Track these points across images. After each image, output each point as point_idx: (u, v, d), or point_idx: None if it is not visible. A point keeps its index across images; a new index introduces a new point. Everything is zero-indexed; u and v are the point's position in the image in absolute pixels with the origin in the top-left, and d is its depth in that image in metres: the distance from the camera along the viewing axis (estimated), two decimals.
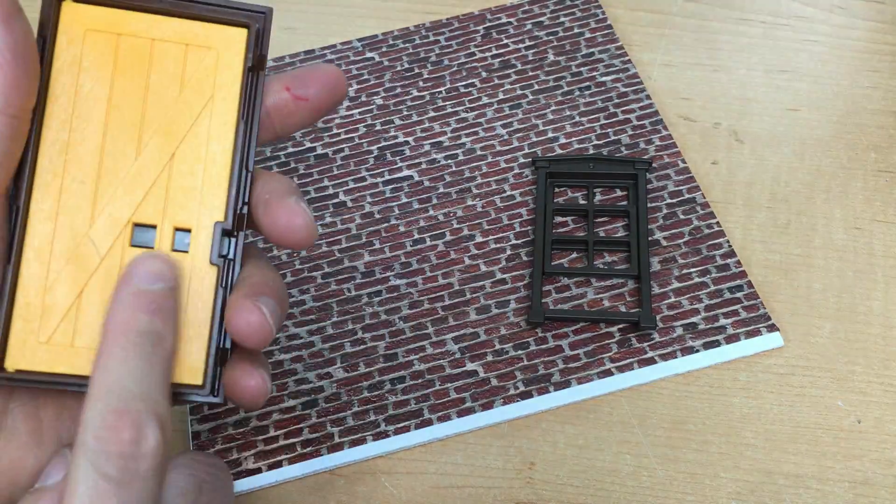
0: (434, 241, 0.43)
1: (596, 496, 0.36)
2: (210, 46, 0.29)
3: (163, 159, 0.29)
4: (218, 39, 0.29)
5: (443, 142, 0.46)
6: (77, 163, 0.28)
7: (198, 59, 0.29)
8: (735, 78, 0.48)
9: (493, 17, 0.51)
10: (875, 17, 0.50)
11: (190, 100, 0.29)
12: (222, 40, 0.29)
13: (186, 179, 0.29)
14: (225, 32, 0.29)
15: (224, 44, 0.29)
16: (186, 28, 0.29)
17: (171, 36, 0.29)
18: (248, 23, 0.29)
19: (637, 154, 0.45)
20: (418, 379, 0.39)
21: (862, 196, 0.43)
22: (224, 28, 0.29)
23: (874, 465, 0.36)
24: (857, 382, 0.38)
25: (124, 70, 0.28)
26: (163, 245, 0.28)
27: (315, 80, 0.30)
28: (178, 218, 0.28)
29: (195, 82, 0.29)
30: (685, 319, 0.39)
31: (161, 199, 0.29)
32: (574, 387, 0.38)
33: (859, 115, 0.46)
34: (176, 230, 0.28)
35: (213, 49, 0.29)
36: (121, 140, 0.28)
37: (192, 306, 0.28)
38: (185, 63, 0.29)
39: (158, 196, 0.29)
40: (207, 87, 0.29)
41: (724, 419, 0.37)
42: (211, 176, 0.29)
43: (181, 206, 0.29)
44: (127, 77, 0.28)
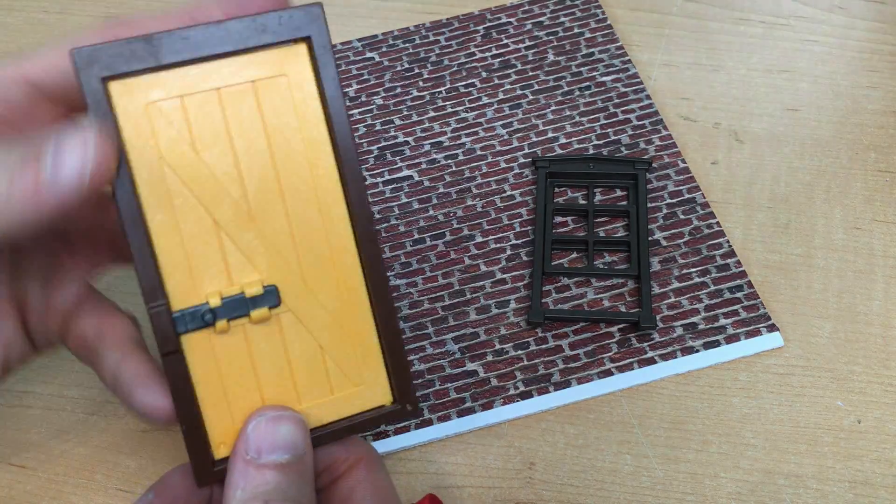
0: (434, 241, 0.43)
1: (596, 496, 0.36)
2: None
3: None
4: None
5: (443, 142, 0.46)
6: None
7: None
8: (735, 78, 0.48)
9: (493, 17, 0.51)
10: (875, 17, 0.50)
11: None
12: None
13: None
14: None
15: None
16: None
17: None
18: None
19: (637, 154, 0.45)
20: (418, 379, 0.39)
21: (862, 196, 0.43)
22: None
23: (874, 465, 0.36)
24: (857, 382, 0.38)
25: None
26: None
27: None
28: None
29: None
30: (685, 319, 0.39)
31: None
32: (574, 387, 0.38)
33: (859, 115, 0.46)
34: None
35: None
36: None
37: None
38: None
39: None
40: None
41: (724, 419, 0.37)
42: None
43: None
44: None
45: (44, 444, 0.38)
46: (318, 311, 0.28)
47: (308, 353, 0.29)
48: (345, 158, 0.28)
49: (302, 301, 0.28)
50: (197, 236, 0.27)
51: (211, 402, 0.27)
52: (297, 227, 0.28)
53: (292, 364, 0.28)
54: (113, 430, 0.38)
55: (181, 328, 0.27)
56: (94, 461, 0.38)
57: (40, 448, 0.38)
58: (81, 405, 0.39)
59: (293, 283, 0.28)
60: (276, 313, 0.28)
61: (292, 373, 0.28)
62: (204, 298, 0.27)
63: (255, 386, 0.28)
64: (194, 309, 0.27)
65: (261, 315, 0.27)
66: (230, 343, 0.27)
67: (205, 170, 0.27)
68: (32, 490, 0.37)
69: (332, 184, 0.28)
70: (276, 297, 0.28)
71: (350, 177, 0.28)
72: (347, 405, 0.29)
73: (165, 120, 0.26)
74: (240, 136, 0.27)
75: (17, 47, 0.51)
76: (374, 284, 0.29)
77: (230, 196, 0.27)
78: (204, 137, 0.27)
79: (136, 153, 0.26)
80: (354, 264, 0.29)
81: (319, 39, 0.27)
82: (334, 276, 0.29)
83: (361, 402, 0.29)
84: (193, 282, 0.27)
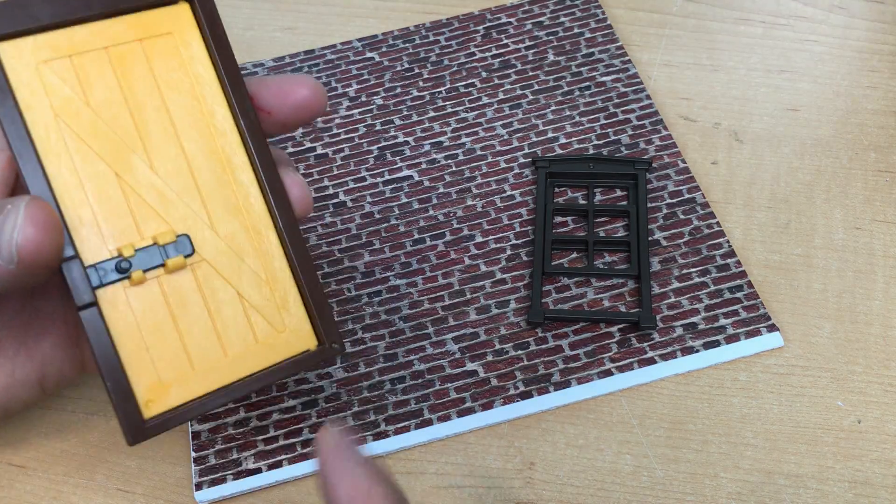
0: (434, 241, 0.43)
1: (596, 496, 0.36)
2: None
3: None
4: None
5: (443, 142, 0.46)
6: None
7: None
8: (735, 78, 0.48)
9: (493, 17, 0.51)
10: (875, 17, 0.50)
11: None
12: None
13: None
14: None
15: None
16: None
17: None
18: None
19: (637, 154, 0.45)
20: (418, 379, 0.39)
21: (862, 196, 0.43)
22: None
23: (874, 465, 0.36)
24: (857, 382, 0.38)
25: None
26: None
27: (276, 95, 0.30)
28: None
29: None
30: (685, 319, 0.39)
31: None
32: (574, 387, 0.38)
33: (859, 115, 0.46)
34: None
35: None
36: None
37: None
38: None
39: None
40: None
41: (724, 419, 0.37)
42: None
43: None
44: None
45: (44, 444, 0.38)
46: (233, 260, 0.29)
47: (228, 302, 0.28)
48: (239, 106, 0.29)
49: (216, 250, 0.28)
50: (101, 191, 0.27)
51: (134, 357, 0.27)
52: (201, 178, 0.28)
53: (213, 314, 0.28)
54: (113, 431, 0.38)
55: (95, 281, 0.26)
56: (94, 461, 0.38)
57: (40, 448, 0.38)
58: (81, 405, 0.39)
59: (204, 232, 0.28)
60: (191, 263, 0.28)
61: (214, 323, 0.28)
62: (116, 252, 0.27)
63: (178, 338, 0.28)
64: (107, 261, 0.27)
65: (176, 263, 0.27)
66: (147, 295, 0.27)
67: (102, 125, 0.27)
68: (32, 490, 0.37)
69: (230, 133, 0.29)
70: (189, 246, 0.28)
71: (248, 126, 0.29)
72: (273, 352, 0.29)
73: (58, 79, 0.27)
74: (133, 93, 0.28)
75: None
76: (286, 229, 0.29)
77: (130, 149, 0.27)
78: (97, 95, 0.27)
79: (32, 113, 0.26)
80: (262, 211, 0.29)
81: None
82: (245, 224, 0.29)
83: (287, 349, 0.29)
84: (103, 237, 0.27)
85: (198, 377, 0.28)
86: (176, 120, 0.28)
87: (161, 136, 0.28)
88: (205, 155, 0.29)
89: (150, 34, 0.28)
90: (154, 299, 0.27)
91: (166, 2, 0.29)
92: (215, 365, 0.28)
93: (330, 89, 0.48)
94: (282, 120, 0.30)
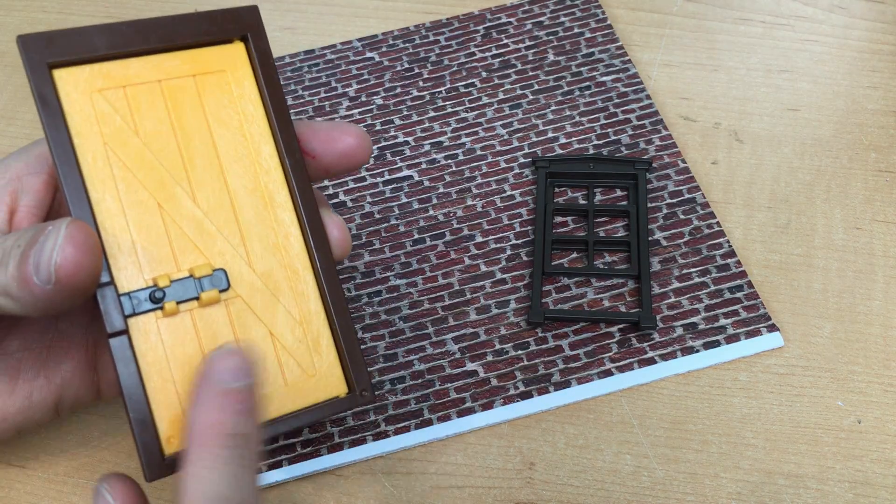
0: (434, 241, 0.43)
1: (596, 496, 0.36)
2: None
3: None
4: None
5: (443, 142, 0.46)
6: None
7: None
8: (735, 78, 0.48)
9: (493, 17, 0.51)
10: (875, 17, 0.50)
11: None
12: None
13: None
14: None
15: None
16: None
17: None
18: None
19: (637, 154, 0.45)
20: (418, 379, 0.39)
21: (862, 196, 0.43)
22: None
23: (874, 465, 0.36)
24: (857, 382, 0.38)
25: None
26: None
27: (324, 141, 0.30)
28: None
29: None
30: (685, 319, 0.39)
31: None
32: (574, 387, 0.38)
33: (859, 115, 0.46)
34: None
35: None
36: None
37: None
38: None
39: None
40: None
41: (724, 419, 0.37)
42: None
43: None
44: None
45: (44, 444, 0.38)
46: (268, 298, 0.28)
47: (259, 340, 0.28)
48: (286, 146, 0.29)
49: (251, 287, 0.28)
50: (142, 220, 0.27)
51: (159, 390, 0.27)
52: (242, 214, 0.28)
53: None
54: (113, 431, 0.38)
55: (128, 310, 0.26)
56: (94, 461, 0.38)
57: (40, 448, 0.38)
58: None
59: (241, 268, 0.28)
60: (225, 298, 0.28)
61: None
62: (152, 282, 0.27)
63: None
64: (142, 290, 0.27)
65: (210, 297, 0.27)
66: (179, 327, 0.27)
67: (149, 156, 0.27)
68: (32, 490, 0.37)
69: (275, 171, 0.29)
70: (225, 280, 0.28)
71: (292, 165, 0.29)
72: (302, 396, 0.29)
73: (110, 107, 0.27)
74: (182, 126, 0.28)
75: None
76: (323, 271, 0.29)
77: (174, 181, 0.28)
78: (147, 126, 0.28)
79: (81, 139, 0.27)
80: (301, 251, 0.29)
81: (257, 37, 0.29)
82: (283, 262, 0.29)
83: (316, 394, 0.29)
84: (140, 265, 0.27)
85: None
86: (222, 155, 0.28)
87: (206, 170, 0.28)
88: (248, 191, 0.29)
89: (204, 70, 0.29)
90: (185, 332, 0.27)
91: (222, 40, 0.29)
92: None
93: (330, 89, 0.48)
94: (325, 165, 0.30)
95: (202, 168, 0.28)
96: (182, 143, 0.28)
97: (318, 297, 0.29)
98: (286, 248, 0.29)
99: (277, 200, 0.29)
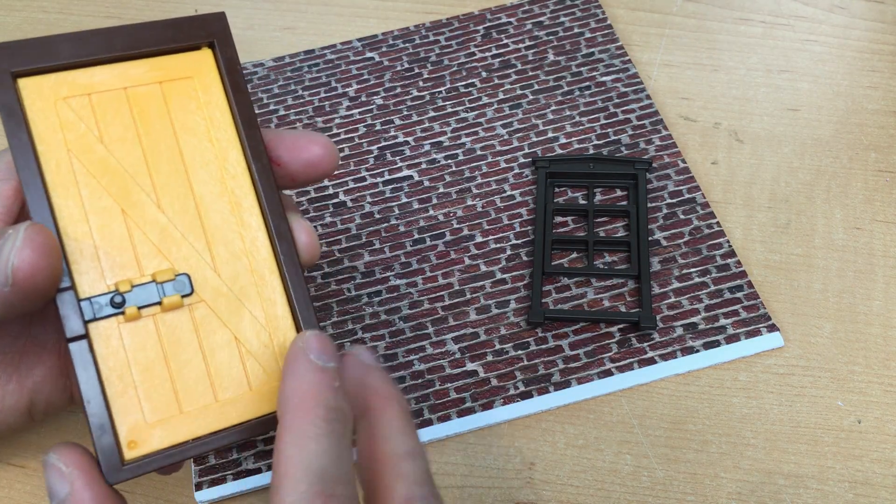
0: (434, 241, 0.43)
1: (596, 496, 0.36)
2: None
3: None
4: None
5: (443, 142, 0.46)
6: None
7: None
8: (735, 78, 0.48)
9: (493, 17, 0.51)
10: (875, 17, 0.50)
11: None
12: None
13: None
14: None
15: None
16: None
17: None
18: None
19: (637, 154, 0.45)
20: (418, 379, 0.39)
21: (862, 196, 0.43)
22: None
23: (874, 465, 0.36)
24: (857, 382, 0.38)
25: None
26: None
27: (290, 149, 0.30)
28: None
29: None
30: (685, 319, 0.39)
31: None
32: (574, 387, 0.38)
33: (859, 115, 0.46)
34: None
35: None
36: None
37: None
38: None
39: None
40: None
41: (724, 419, 0.37)
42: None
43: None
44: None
45: (44, 444, 0.38)
46: (233, 303, 0.28)
47: (224, 345, 0.28)
48: (252, 151, 0.29)
49: (216, 292, 0.28)
50: (105, 226, 0.27)
51: (120, 395, 0.26)
52: (208, 219, 0.28)
53: (207, 357, 0.28)
54: None
55: (89, 315, 0.26)
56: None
57: (40, 448, 0.38)
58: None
59: (206, 273, 0.28)
60: (188, 303, 0.27)
61: (207, 366, 0.28)
62: (113, 286, 0.27)
63: (168, 379, 0.27)
64: (103, 295, 0.27)
65: (173, 302, 0.27)
66: (141, 332, 0.27)
67: (112, 162, 0.27)
68: (32, 490, 0.37)
69: (242, 177, 0.29)
70: (188, 285, 0.27)
71: (259, 170, 0.29)
72: (266, 402, 0.28)
73: (74, 115, 0.27)
74: (148, 133, 0.28)
75: None
76: (290, 275, 0.29)
77: (138, 187, 0.28)
78: (112, 133, 0.28)
79: (45, 146, 0.27)
80: (269, 256, 0.29)
81: (224, 44, 0.29)
82: (249, 268, 0.29)
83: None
84: (102, 271, 0.27)
85: (185, 421, 0.27)
86: (188, 160, 0.29)
87: (171, 176, 0.28)
88: (214, 196, 0.29)
89: (171, 77, 0.29)
90: (147, 337, 0.27)
91: (189, 47, 0.29)
92: (205, 410, 0.27)
93: (330, 89, 0.48)
94: (291, 173, 0.30)
95: (167, 174, 0.28)
96: (147, 149, 0.28)
97: (284, 301, 0.29)
98: (252, 252, 0.29)
99: (244, 205, 0.29)
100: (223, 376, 0.28)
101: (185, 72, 0.29)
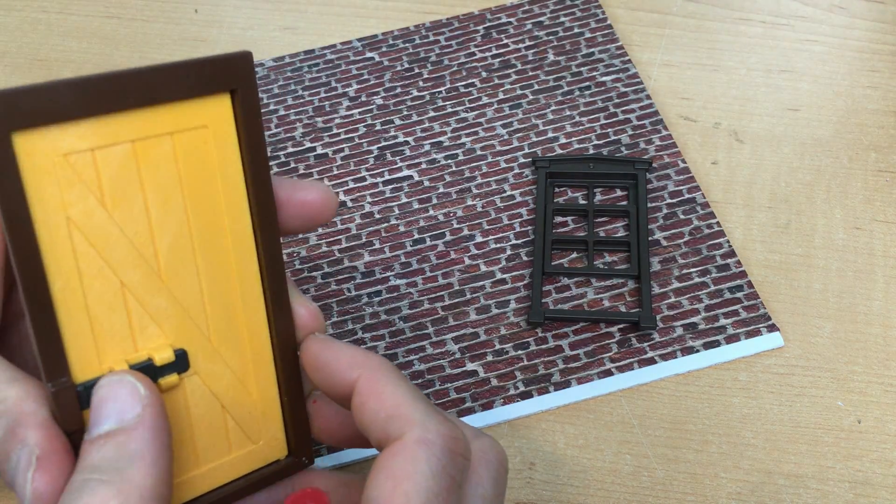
0: (434, 241, 0.43)
1: (596, 496, 0.36)
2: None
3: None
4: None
5: (443, 142, 0.46)
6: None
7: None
8: (735, 78, 0.48)
9: (493, 17, 0.51)
10: (875, 17, 0.50)
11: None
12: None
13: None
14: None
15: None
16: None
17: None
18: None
19: (637, 154, 0.45)
20: (418, 379, 0.39)
21: (862, 196, 0.43)
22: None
23: (874, 465, 0.36)
24: (857, 382, 0.38)
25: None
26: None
27: (288, 190, 0.28)
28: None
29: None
30: (685, 319, 0.39)
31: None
32: (574, 387, 0.38)
33: (859, 115, 0.46)
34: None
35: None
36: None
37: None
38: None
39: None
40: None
41: (724, 419, 0.37)
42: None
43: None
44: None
45: None
46: (224, 371, 0.27)
47: (210, 414, 0.27)
48: (261, 216, 0.27)
49: (208, 363, 0.27)
50: (102, 301, 0.25)
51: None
52: (209, 286, 0.27)
53: (193, 427, 0.27)
54: None
55: (85, 404, 0.25)
56: None
57: None
58: None
59: (201, 344, 0.27)
60: (182, 377, 0.27)
61: (193, 436, 0.27)
62: (108, 368, 0.25)
63: None
64: (97, 379, 0.25)
65: (170, 383, 0.26)
66: None
67: (114, 230, 0.25)
68: None
69: (247, 243, 0.27)
70: (185, 363, 0.26)
71: (264, 236, 0.27)
72: (244, 463, 0.28)
73: (75, 175, 0.24)
74: (154, 192, 0.25)
75: (16, 47, 0.51)
76: (280, 342, 0.28)
77: (140, 256, 0.25)
78: (115, 194, 0.25)
79: (41, 213, 0.23)
80: (263, 323, 0.28)
81: (247, 90, 0.26)
82: (244, 334, 0.28)
83: (258, 459, 0.29)
84: (98, 350, 0.25)
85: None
86: (193, 225, 0.26)
87: (174, 244, 0.26)
88: (215, 266, 0.27)
89: (184, 127, 0.25)
90: None
91: (206, 92, 0.26)
92: (188, 477, 0.27)
93: (330, 89, 0.48)
94: (285, 215, 0.29)
95: (170, 241, 0.26)
96: (152, 213, 0.25)
97: (272, 370, 0.29)
98: (249, 319, 0.28)
99: (247, 271, 0.28)
100: (206, 444, 0.28)
101: (199, 119, 0.26)
